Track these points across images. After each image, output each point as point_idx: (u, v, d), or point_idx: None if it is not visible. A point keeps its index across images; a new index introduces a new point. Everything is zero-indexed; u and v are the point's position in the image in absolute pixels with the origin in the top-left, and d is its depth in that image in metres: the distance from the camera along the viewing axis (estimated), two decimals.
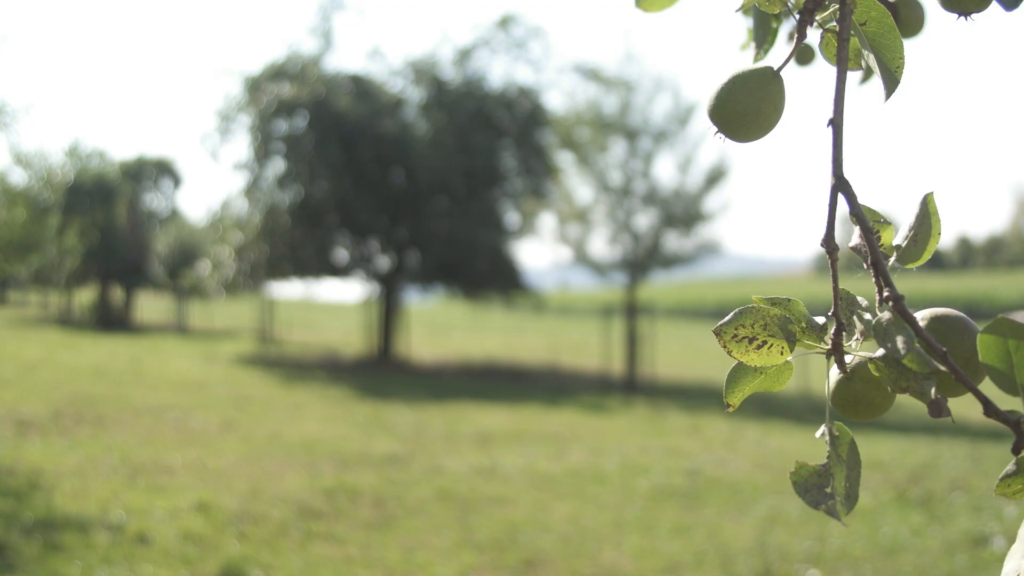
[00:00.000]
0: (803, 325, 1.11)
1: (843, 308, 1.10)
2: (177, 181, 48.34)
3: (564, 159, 22.11)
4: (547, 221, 27.06)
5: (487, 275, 24.57)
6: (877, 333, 1.04)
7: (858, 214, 1.09)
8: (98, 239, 37.68)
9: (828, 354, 1.11)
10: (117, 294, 41.76)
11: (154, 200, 47.84)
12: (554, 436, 13.24)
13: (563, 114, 20.90)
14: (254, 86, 24.65)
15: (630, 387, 20.14)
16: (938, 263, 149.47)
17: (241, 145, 31.54)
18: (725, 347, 1.10)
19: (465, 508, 8.68)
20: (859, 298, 1.11)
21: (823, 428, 1.09)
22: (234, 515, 7.88)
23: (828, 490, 1.06)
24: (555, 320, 66.44)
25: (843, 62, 1.07)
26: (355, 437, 12.52)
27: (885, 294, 1.06)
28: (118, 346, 25.92)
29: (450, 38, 26.07)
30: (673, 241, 20.24)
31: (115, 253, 38.22)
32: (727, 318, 1.09)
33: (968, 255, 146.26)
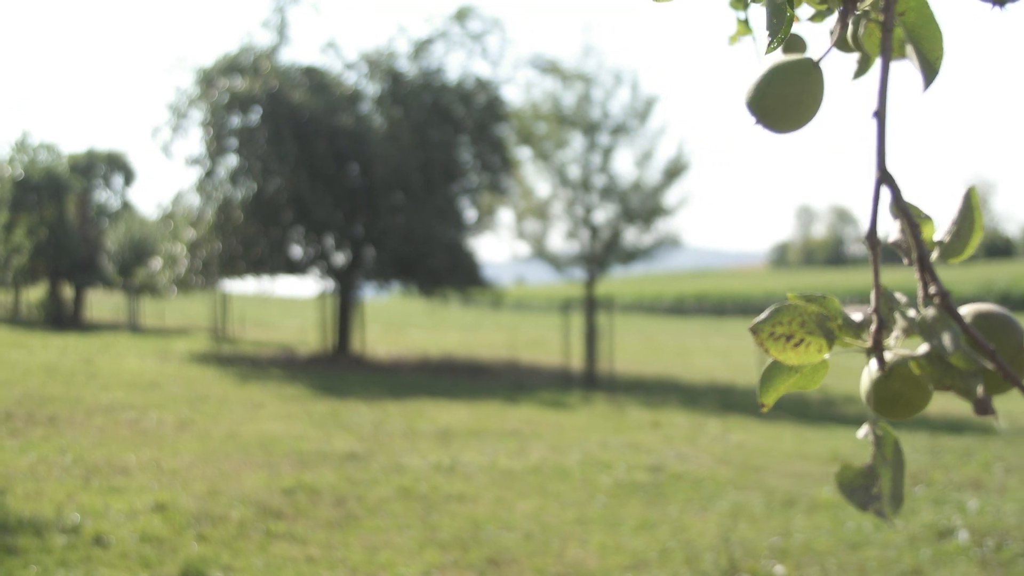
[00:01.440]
0: (840, 322, 1.05)
1: (883, 305, 1.04)
2: (129, 176, 47.72)
3: (522, 153, 22.03)
4: (505, 216, 27.01)
5: (445, 271, 24.45)
6: (923, 330, 0.98)
7: (904, 209, 1.04)
8: (47, 235, 37.10)
9: (868, 352, 1.04)
10: (67, 292, 41.16)
11: (105, 195, 47.23)
12: (514, 432, 13.18)
13: (521, 108, 20.80)
14: (206, 79, 24.37)
15: (590, 382, 20.11)
16: (895, 256, 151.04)
17: (194, 139, 31.23)
18: (762, 345, 1.04)
19: (427, 506, 8.59)
20: (897, 294, 1.06)
21: (867, 428, 1.03)
22: (193, 516, 7.74)
23: (874, 491, 1.00)
24: (512, 315, 66.45)
25: (887, 52, 1.03)
26: (313, 435, 12.39)
27: (932, 290, 1.01)
28: (69, 345, 25.57)
29: (406, 31, 25.83)
30: (632, 235, 20.21)
31: (65, 250, 37.63)
32: (764, 315, 1.03)
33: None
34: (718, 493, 9.43)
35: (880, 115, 1.03)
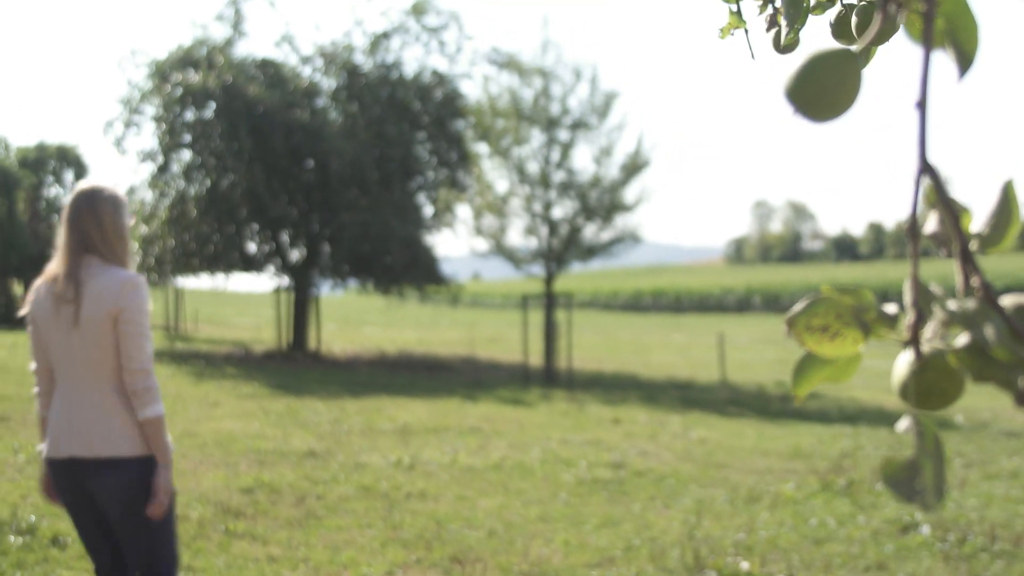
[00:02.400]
0: (874, 315, 1.01)
1: (921, 297, 1.01)
2: (81, 170, 47.14)
3: (481, 149, 21.96)
4: (463, 212, 26.93)
5: (402, 267, 24.34)
6: (964, 321, 0.95)
7: (946, 200, 1.01)
8: None
9: (906, 344, 1.01)
10: (17, 289, 40.62)
11: (56, 190, 46.63)
12: (474, 430, 13.13)
13: (479, 103, 20.72)
14: (160, 73, 24.10)
15: (549, 379, 20.09)
16: (851, 252, 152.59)
17: (147, 134, 30.89)
18: (797, 337, 1.01)
19: (389, 504, 8.52)
20: (933, 285, 1.02)
21: (908, 421, 0.99)
22: None
23: (919, 484, 0.97)
24: (469, 312, 66.42)
25: (929, 42, 1.01)
26: (271, 434, 12.26)
27: (974, 281, 0.97)
28: (20, 343, 25.16)
29: (362, 24, 25.69)
30: (592, 231, 20.20)
31: (14, 246, 37.08)
32: (799, 307, 1.00)
33: (880, 243, 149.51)
34: (681, 490, 9.43)
35: (922, 105, 1.00)
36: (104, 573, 3.94)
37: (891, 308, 1.03)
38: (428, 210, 26.61)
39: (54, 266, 3.85)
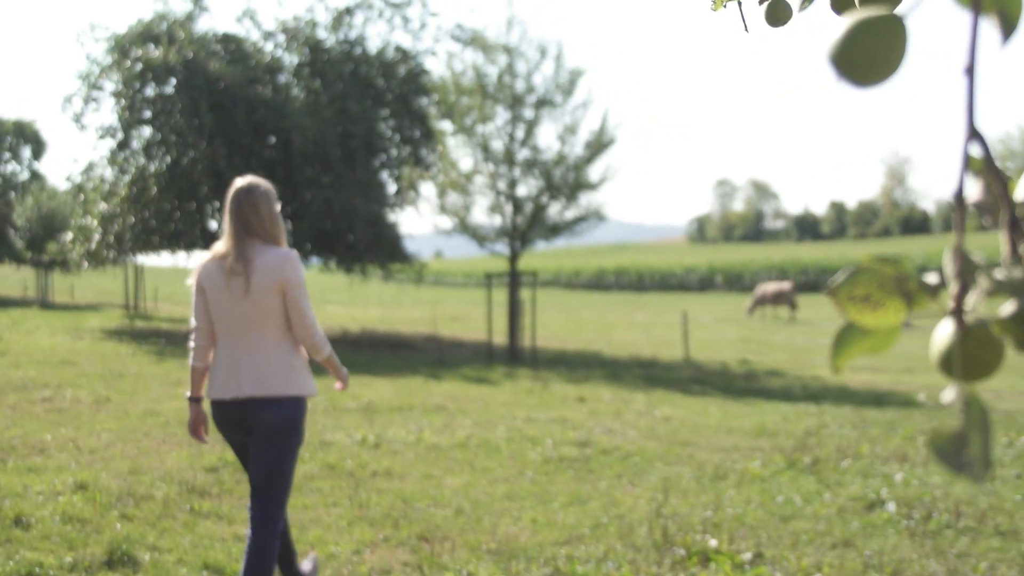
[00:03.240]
0: (915, 285, 0.97)
1: (966, 266, 0.97)
2: (38, 146, 46.53)
3: (445, 126, 21.82)
4: (428, 190, 26.79)
5: (365, 245, 24.19)
6: (1012, 290, 0.91)
7: (994, 167, 0.96)
8: None
9: (949, 314, 0.97)
10: None
11: (12, 167, 45.95)
12: (439, 408, 13.08)
13: (443, 80, 20.57)
14: (120, 48, 23.76)
15: (513, 357, 20.06)
16: (813, 231, 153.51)
17: (107, 109, 30.46)
18: (840, 307, 0.97)
19: (354, 483, 8.46)
20: (975, 254, 0.98)
21: (954, 392, 0.95)
22: (115, 495, 7.51)
23: (967, 456, 0.93)
24: (432, 290, 66.27)
25: (977, 7, 0.96)
26: None
27: (1023, 249, 0.93)
28: None
29: (325, 0, 25.45)
30: (556, 209, 20.13)
31: None
32: (842, 277, 0.96)
33: (842, 222, 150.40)
34: (647, 468, 9.43)
35: (970, 71, 0.95)
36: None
37: (932, 278, 1.00)
38: (392, 188, 26.46)
39: (222, 247, 4.83)
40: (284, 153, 24.18)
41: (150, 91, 23.72)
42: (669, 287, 70.86)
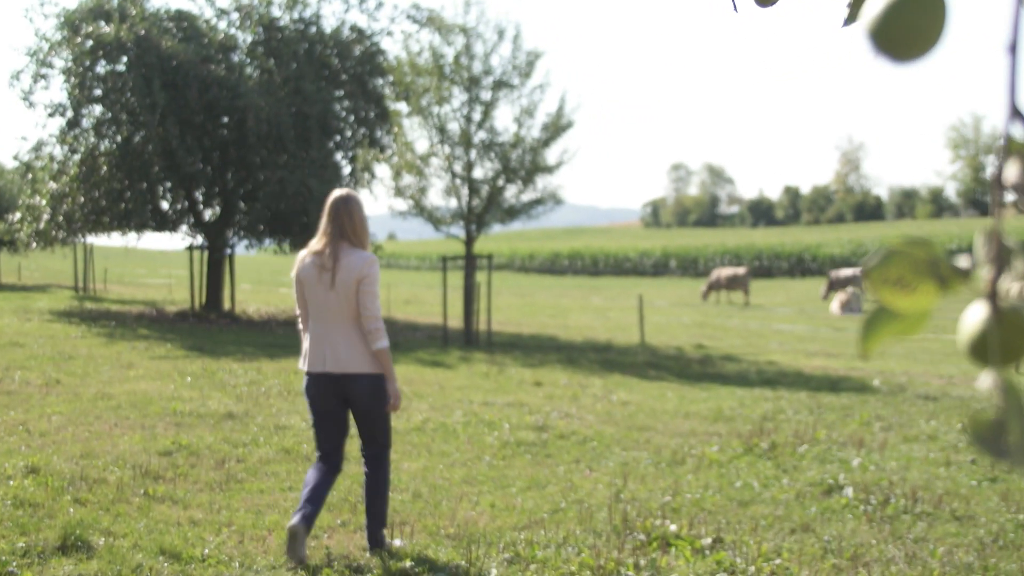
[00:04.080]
0: (948, 268, 0.93)
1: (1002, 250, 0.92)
2: None
3: (401, 107, 21.63)
4: (383, 171, 26.58)
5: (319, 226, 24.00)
6: None
7: None
8: None
9: (984, 299, 0.92)
10: None
11: None
12: None
13: (400, 61, 20.37)
14: (70, 24, 23.32)
15: (468, 341, 20.00)
16: (768, 216, 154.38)
17: (56, 87, 29.95)
18: (874, 291, 0.93)
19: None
20: (1009, 238, 0.94)
21: (991, 378, 0.91)
22: (68, 479, 7.38)
23: (1007, 442, 0.89)
24: (384, 273, 65.99)
25: None
26: (188, 395, 12.01)
27: None
28: None
29: None
30: (513, 192, 20.03)
31: None
32: (876, 260, 0.92)
33: (795, 207, 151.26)
34: (605, 452, 9.42)
35: (1013, 49, 0.91)
36: (325, 450, 6.10)
37: (964, 261, 0.95)
38: (347, 169, 26.24)
39: (317, 244, 5.93)
40: (238, 133, 23.89)
41: (101, 68, 23.31)
42: (623, 271, 71.05)
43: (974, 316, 0.93)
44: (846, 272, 37.70)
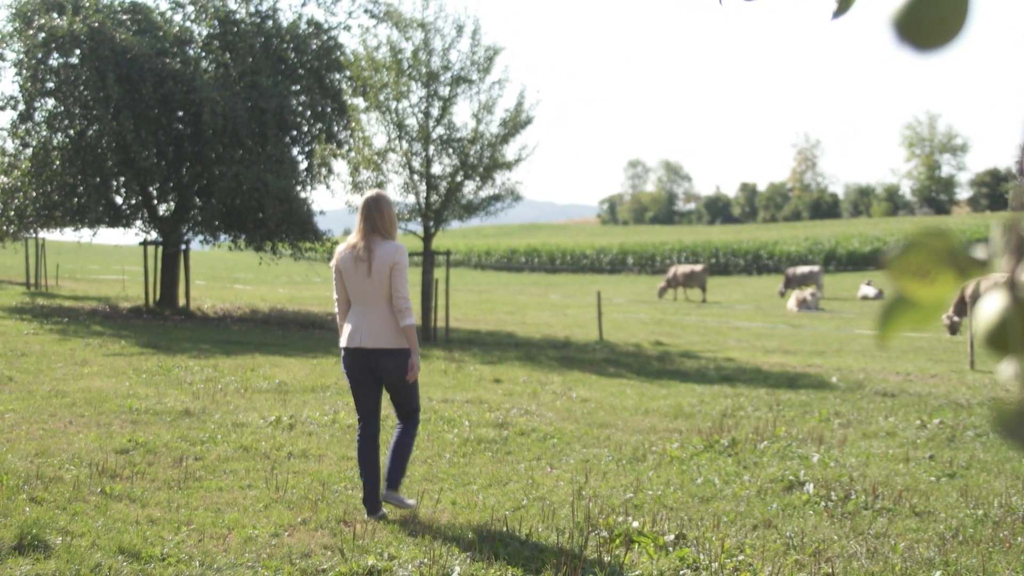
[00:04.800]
0: (967, 258, 0.91)
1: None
2: None
3: (358, 102, 21.50)
4: (340, 167, 26.43)
5: (276, 223, 23.77)
6: None
7: None
8: None
9: (1004, 288, 0.90)
10: None
11: None
12: None
13: (358, 56, 20.23)
14: (22, 15, 22.98)
15: (426, 338, 19.93)
16: (725, 213, 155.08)
17: (7, 79, 29.48)
18: (895, 279, 0.91)
19: (270, 465, 8.31)
20: None
21: (1011, 367, 0.89)
22: (23, 478, 7.25)
23: None
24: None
25: None
26: (144, 392, 11.87)
27: None
28: None
29: None
30: (471, 189, 19.96)
31: None
32: (897, 250, 0.90)
33: (752, 205, 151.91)
34: (566, 449, 9.41)
35: None
36: (363, 413, 7.13)
37: (981, 251, 0.93)
38: (304, 164, 26.05)
39: (353, 239, 6.95)
40: (193, 127, 23.67)
41: (54, 61, 22.98)
42: (580, 268, 71.16)
43: (992, 306, 0.91)
44: (803, 270, 38.00)
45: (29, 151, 23.69)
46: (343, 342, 6.96)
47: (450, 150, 19.73)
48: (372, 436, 7.08)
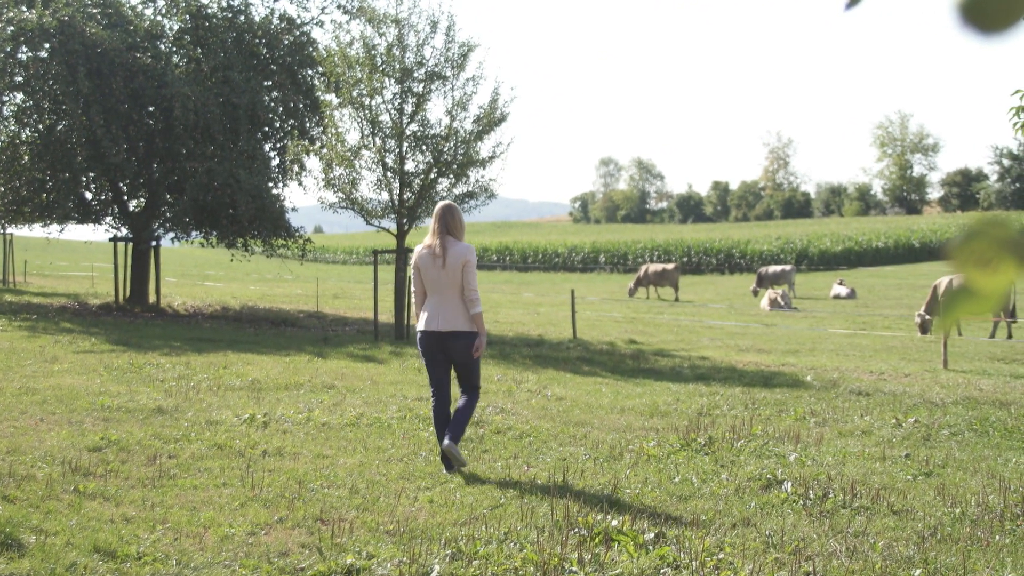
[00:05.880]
0: None
1: None
2: None
3: (331, 99, 21.36)
4: (313, 163, 26.29)
5: (248, 219, 23.62)
6: None
7: None
8: None
9: None
10: None
11: None
12: (328, 387, 12.84)
13: (331, 51, 20.10)
14: None
15: (399, 336, 19.85)
16: (697, 211, 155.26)
17: None
18: (959, 268, 0.87)
19: (245, 463, 8.23)
20: None
21: None
22: None
23: None
24: (311, 267, 65.42)
25: None
26: (115, 390, 11.76)
27: None
28: None
29: None
30: (445, 186, 19.87)
31: None
32: (961, 238, 0.86)
33: (724, 203, 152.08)
34: (542, 448, 9.37)
35: None
36: (436, 384, 8.45)
37: None
38: (276, 161, 25.90)
39: (429, 240, 8.28)
40: (164, 123, 23.50)
41: (23, 55, 22.77)
42: (553, 267, 71.12)
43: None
44: (775, 269, 38.12)
45: None
46: (420, 326, 8.30)
47: (424, 147, 19.64)
48: (444, 404, 8.42)
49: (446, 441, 8.09)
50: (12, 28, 21.97)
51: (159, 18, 24.80)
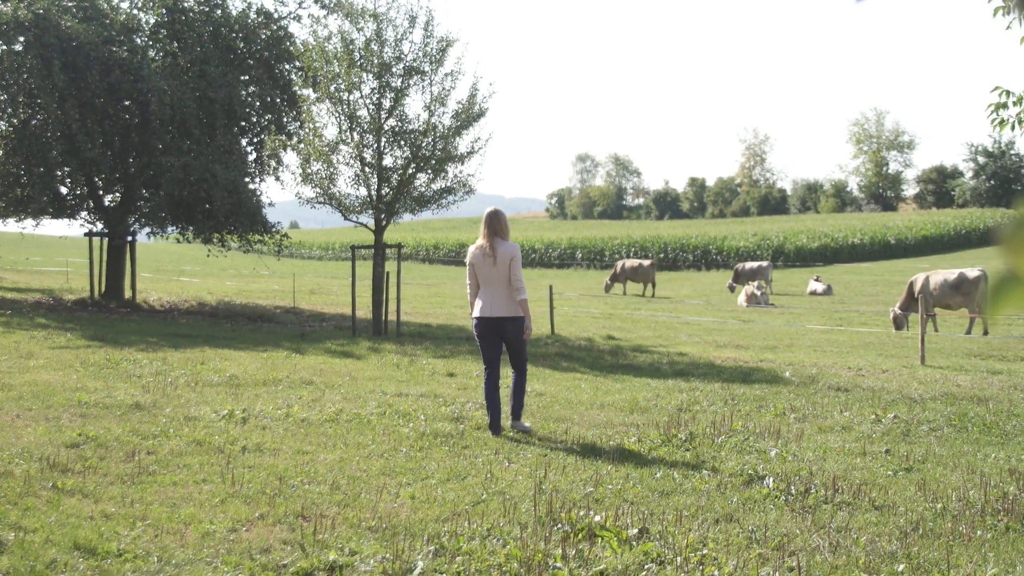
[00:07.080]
0: None
1: None
2: None
3: (309, 93, 21.25)
4: (291, 158, 26.14)
5: (225, 214, 23.48)
6: None
7: None
8: None
9: None
10: None
11: None
12: (306, 382, 12.78)
13: (308, 46, 19.99)
14: None
15: (377, 331, 19.78)
16: (673, 208, 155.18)
17: None
18: (1009, 256, 0.84)
19: (225, 459, 8.17)
20: None
21: None
22: None
23: None
24: (287, 262, 65.22)
25: None
26: (92, 386, 11.67)
27: None
28: None
29: None
30: (423, 181, 19.80)
31: None
32: (1009, 228, 0.83)
33: (700, 200, 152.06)
34: (523, 443, 9.34)
35: None
36: (489, 362, 9.87)
37: None
38: (253, 155, 25.75)
39: (481, 241, 9.87)
40: (140, 117, 23.34)
41: None
42: (529, 263, 71.05)
43: None
44: (751, 265, 38.20)
45: None
46: (476, 313, 9.82)
47: (402, 142, 19.57)
48: (495, 380, 9.82)
49: (511, 422, 9.92)
50: None
51: (135, 12, 24.63)
